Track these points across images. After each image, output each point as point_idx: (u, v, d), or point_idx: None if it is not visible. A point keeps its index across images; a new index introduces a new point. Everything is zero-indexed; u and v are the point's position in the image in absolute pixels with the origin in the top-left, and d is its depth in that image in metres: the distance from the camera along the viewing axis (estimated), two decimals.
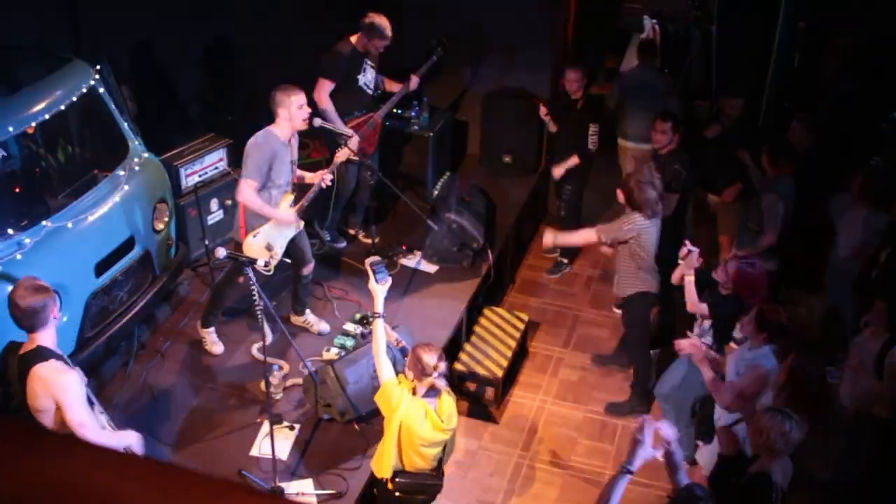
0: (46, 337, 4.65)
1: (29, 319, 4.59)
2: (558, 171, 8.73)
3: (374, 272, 5.55)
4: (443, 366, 5.24)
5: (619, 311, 8.16)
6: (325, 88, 7.75)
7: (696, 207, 8.93)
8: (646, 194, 6.81)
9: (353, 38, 7.86)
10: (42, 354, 4.59)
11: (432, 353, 5.23)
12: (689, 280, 6.62)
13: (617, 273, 7.34)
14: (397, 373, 5.48)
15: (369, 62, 7.96)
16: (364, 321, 7.41)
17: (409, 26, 8.84)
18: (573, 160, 8.55)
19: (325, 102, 7.74)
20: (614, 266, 7.45)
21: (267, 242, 6.75)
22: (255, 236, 6.71)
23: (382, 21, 7.75)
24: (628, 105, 9.25)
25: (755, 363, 5.71)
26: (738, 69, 9.80)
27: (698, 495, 4.57)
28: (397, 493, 5.43)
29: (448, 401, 5.35)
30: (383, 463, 5.38)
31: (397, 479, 5.40)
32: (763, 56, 9.42)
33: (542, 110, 8.80)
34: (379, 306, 5.52)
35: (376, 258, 5.85)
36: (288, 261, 7.13)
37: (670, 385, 6.86)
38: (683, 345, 6.24)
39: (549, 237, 7.38)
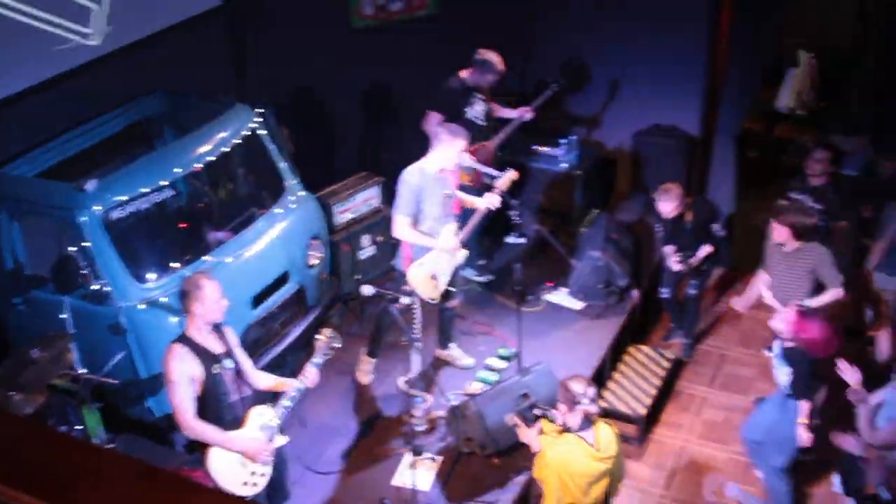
0: (191, 326, 5.29)
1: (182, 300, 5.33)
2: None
3: (525, 419, 5.73)
4: (591, 391, 5.25)
5: (768, 353, 7.95)
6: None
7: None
8: (814, 219, 6.75)
9: (464, 73, 8.11)
10: (179, 338, 5.26)
11: (579, 381, 5.28)
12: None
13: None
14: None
15: (479, 95, 8.16)
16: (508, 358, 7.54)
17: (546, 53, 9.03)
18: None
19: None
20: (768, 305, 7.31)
21: (432, 272, 6.87)
22: (419, 266, 6.82)
23: (494, 57, 8.01)
24: None
25: None
26: None
27: None
28: None
29: (604, 428, 5.36)
30: None
31: None
32: None
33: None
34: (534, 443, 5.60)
35: (523, 404, 5.99)
36: (453, 289, 7.18)
37: (763, 430, 6.68)
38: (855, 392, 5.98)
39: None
